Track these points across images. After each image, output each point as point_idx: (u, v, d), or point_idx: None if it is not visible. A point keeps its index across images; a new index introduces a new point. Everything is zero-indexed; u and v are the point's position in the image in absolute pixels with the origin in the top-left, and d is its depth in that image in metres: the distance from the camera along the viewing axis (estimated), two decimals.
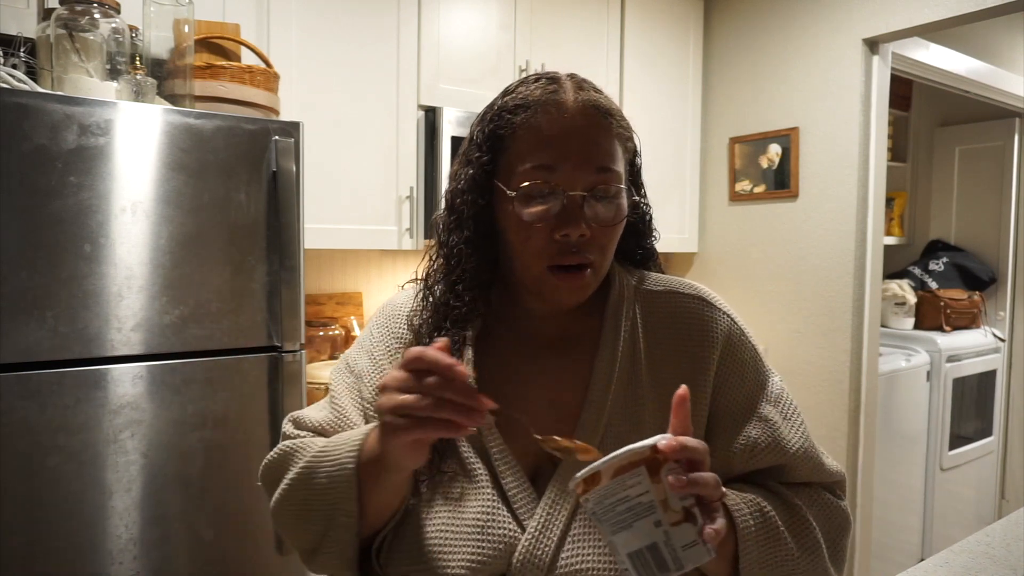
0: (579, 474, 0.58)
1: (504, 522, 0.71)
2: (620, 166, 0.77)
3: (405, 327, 0.84)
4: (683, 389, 0.62)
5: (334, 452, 0.72)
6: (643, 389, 0.78)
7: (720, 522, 0.58)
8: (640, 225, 0.87)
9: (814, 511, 0.77)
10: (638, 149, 0.83)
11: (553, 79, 0.78)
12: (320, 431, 0.82)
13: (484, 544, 0.70)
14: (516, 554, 0.70)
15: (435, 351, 0.60)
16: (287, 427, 0.85)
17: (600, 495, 0.57)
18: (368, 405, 0.81)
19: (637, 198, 0.83)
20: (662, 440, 0.57)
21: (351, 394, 0.83)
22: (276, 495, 0.78)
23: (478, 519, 0.72)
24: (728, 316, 0.83)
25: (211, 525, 1.53)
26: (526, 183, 0.73)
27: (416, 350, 0.60)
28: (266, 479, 0.82)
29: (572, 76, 0.79)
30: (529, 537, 0.71)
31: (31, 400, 1.33)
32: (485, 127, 0.78)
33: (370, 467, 0.69)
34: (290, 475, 0.76)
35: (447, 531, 0.72)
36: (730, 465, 0.77)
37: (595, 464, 0.57)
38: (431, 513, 0.74)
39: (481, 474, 0.74)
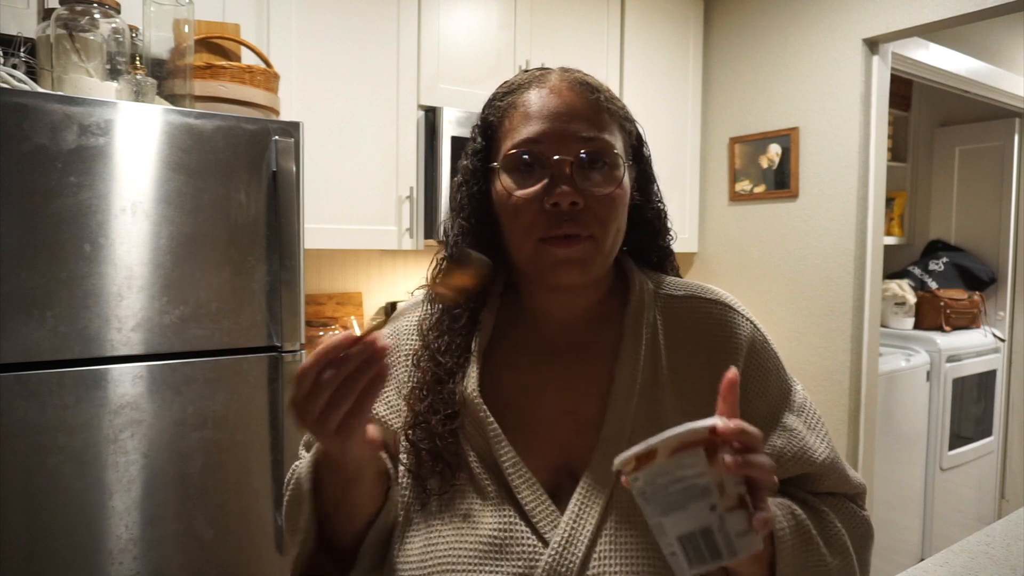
0: (632, 451, 0.55)
1: (524, 537, 0.69)
2: (612, 138, 0.74)
3: (414, 336, 0.82)
4: (732, 372, 0.59)
5: (300, 470, 0.75)
6: (666, 398, 0.75)
7: (773, 510, 0.57)
8: (656, 223, 0.84)
9: (840, 519, 0.75)
10: (643, 137, 0.82)
11: (543, 68, 0.79)
12: None
13: (504, 562, 0.68)
14: (540, 569, 0.67)
15: (311, 360, 0.61)
16: (301, 450, 0.86)
17: (653, 474, 0.54)
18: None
19: (652, 193, 0.82)
20: (720, 422, 0.54)
21: None
22: (283, 503, 0.82)
23: (494, 536, 0.69)
24: (751, 323, 0.80)
25: (211, 525, 1.53)
26: (511, 152, 0.73)
27: (299, 370, 0.61)
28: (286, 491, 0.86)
29: (562, 68, 0.79)
30: (553, 551, 0.67)
31: (31, 400, 1.33)
32: (480, 119, 0.80)
33: (332, 477, 0.71)
34: (285, 496, 0.80)
35: (461, 549, 0.70)
36: None
37: (652, 441, 0.54)
38: (441, 533, 0.71)
39: (492, 490, 0.72)
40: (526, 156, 0.72)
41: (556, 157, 0.71)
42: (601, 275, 0.77)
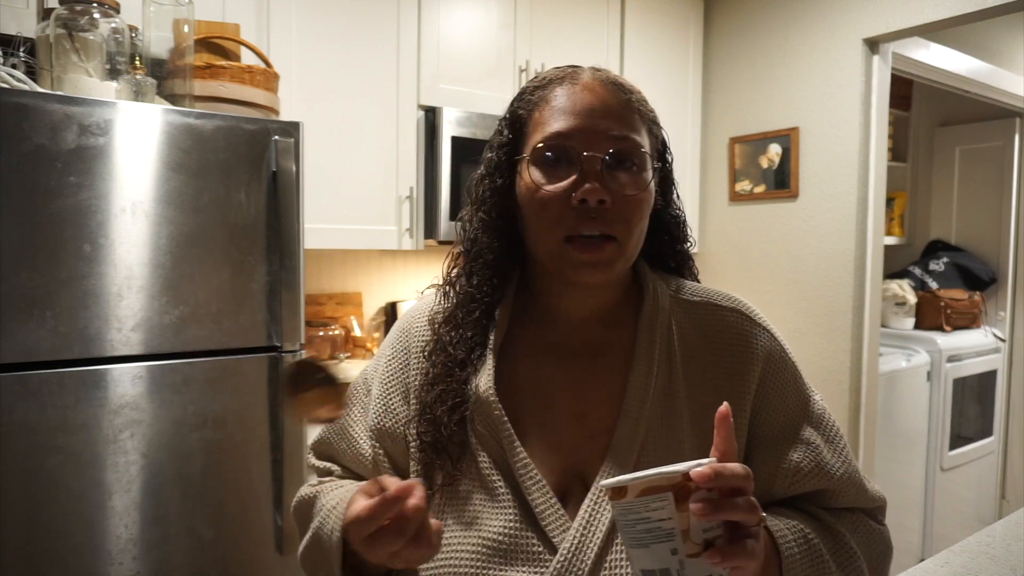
0: (606, 482, 0.57)
1: (531, 543, 0.68)
2: (642, 139, 0.74)
3: (427, 330, 0.81)
4: (725, 407, 0.58)
5: (331, 516, 0.72)
6: (680, 405, 0.74)
7: (748, 542, 0.55)
8: (674, 229, 0.84)
9: (857, 538, 0.74)
10: (667, 142, 0.81)
11: (573, 66, 0.78)
12: (335, 461, 0.84)
13: (509, 567, 0.67)
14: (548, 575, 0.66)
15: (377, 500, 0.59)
16: (309, 458, 0.86)
17: (623, 509, 0.55)
18: (371, 426, 0.81)
19: (672, 198, 0.82)
20: (695, 468, 0.54)
21: (364, 417, 0.82)
22: (301, 546, 0.79)
23: (501, 540, 0.68)
24: (769, 332, 0.79)
25: (211, 525, 1.53)
26: (542, 144, 0.72)
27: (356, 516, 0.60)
28: (296, 518, 0.83)
29: (594, 67, 0.79)
30: (562, 558, 0.66)
31: (31, 400, 1.33)
32: (508, 112, 0.79)
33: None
34: (309, 532, 0.76)
35: (466, 553, 0.69)
36: (771, 489, 0.73)
37: (623, 478, 0.55)
38: (452, 532, 0.71)
39: (503, 492, 0.71)
40: (556, 150, 0.72)
41: (586, 153, 0.70)
42: (621, 275, 0.77)
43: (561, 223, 0.71)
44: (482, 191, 0.78)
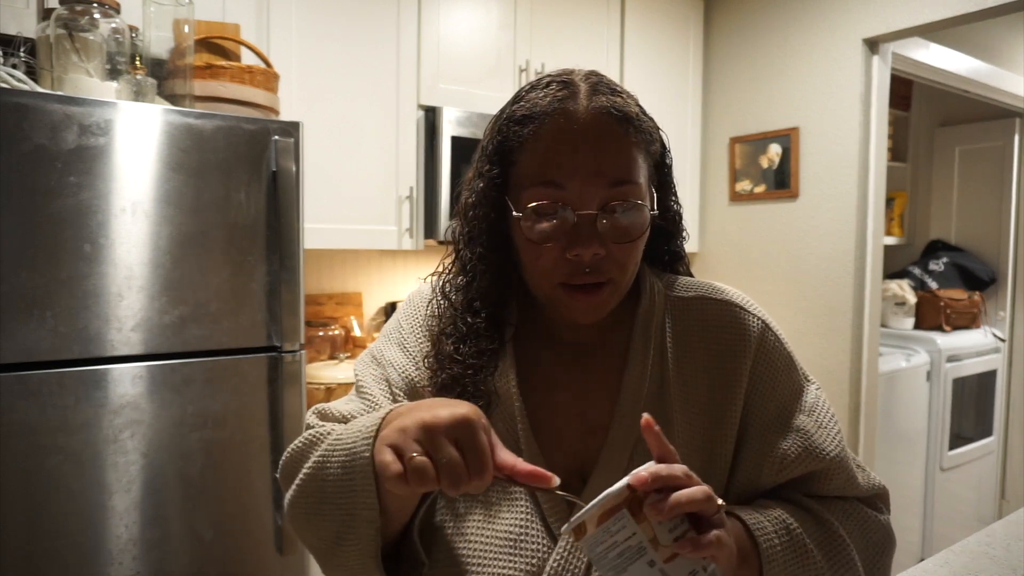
0: (566, 526, 0.57)
1: (537, 535, 0.70)
2: (639, 176, 0.71)
3: (425, 342, 0.80)
4: (645, 418, 0.59)
5: (349, 439, 0.64)
6: (673, 401, 0.75)
7: (713, 533, 0.56)
8: (671, 226, 0.82)
9: (848, 526, 0.73)
10: (666, 147, 0.78)
11: (566, 83, 0.72)
12: (347, 422, 0.77)
13: (516, 557, 0.69)
14: (548, 568, 0.68)
15: (486, 438, 0.57)
16: (311, 419, 0.79)
17: (590, 544, 0.56)
18: (396, 391, 0.77)
19: (669, 201, 0.79)
20: (634, 478, 0.55)
21: (379, 384, 0.79)
22: (291, 489, 0.71)
23: (511, 532, 0.70)
24: (761, 321, 0.79)
25: (211, 525, 1.53)
26: (533, 203, 0.69)
27: (472, 426, 0.57)
28: (285, 474, 0.75)
29: (588, 77, 0.73)
30: (560, 551, 0.69)
31: (31, 400, 1.33)
32: (494, 138, 0.74)
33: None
34: (306, 466, 0.69)
35: (479, 542, 0.71)
36: (759, 478, 0.73)
37: (578, 516, 0.56)
38: (466, 521, 0.72)
39: (516, 486, 0.72)
40: (549, 207, 0.69)
41: (582, 212, 0.68)
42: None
43: (556, 271, 0.70)
44: (476, 224, 0.75)
